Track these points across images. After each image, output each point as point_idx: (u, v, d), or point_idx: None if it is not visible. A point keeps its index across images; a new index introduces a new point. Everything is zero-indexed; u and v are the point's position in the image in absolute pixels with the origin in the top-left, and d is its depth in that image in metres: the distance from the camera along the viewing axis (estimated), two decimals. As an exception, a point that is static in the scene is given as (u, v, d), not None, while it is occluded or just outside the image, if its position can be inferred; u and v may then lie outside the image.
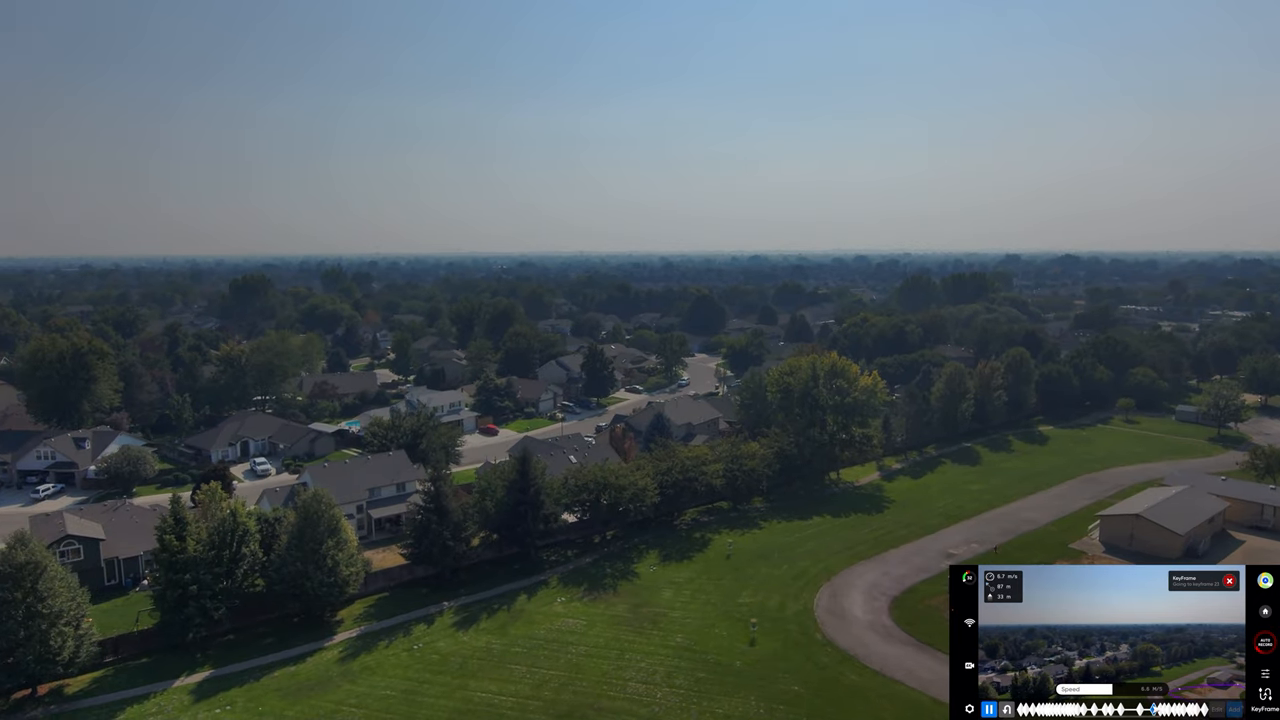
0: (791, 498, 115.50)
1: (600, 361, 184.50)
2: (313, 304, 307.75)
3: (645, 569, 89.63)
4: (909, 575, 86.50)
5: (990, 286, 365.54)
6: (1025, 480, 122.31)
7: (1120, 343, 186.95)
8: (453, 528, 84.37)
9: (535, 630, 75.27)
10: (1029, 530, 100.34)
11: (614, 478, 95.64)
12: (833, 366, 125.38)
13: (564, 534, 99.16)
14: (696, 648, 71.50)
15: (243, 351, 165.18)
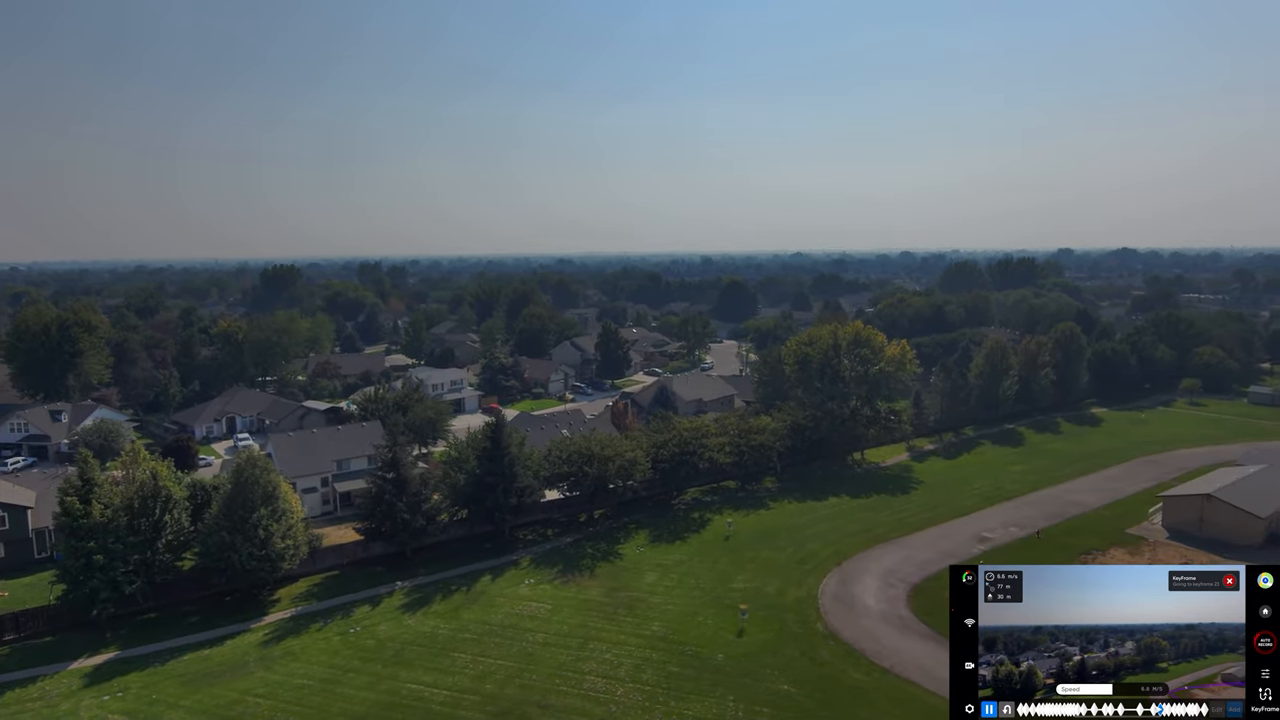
0: (807, 478, 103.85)
1: (615, 341, 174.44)
2: (336, 291, 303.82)
3: (631, 550, 79.15)
4: (935, 560, 74.52)
5: (1039, 274, 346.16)
6: (1074, 462, 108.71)
7: (1184, 320, 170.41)
8: (412, 501, 74.93)
9: (491, 615, 65.39)
10: (1078, 514, 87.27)
11: (600, 448, 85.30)
12: (856, 335, 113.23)
13: (546, 512, 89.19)
14: (674, 638, 60.83)
15: (240, 328, 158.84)
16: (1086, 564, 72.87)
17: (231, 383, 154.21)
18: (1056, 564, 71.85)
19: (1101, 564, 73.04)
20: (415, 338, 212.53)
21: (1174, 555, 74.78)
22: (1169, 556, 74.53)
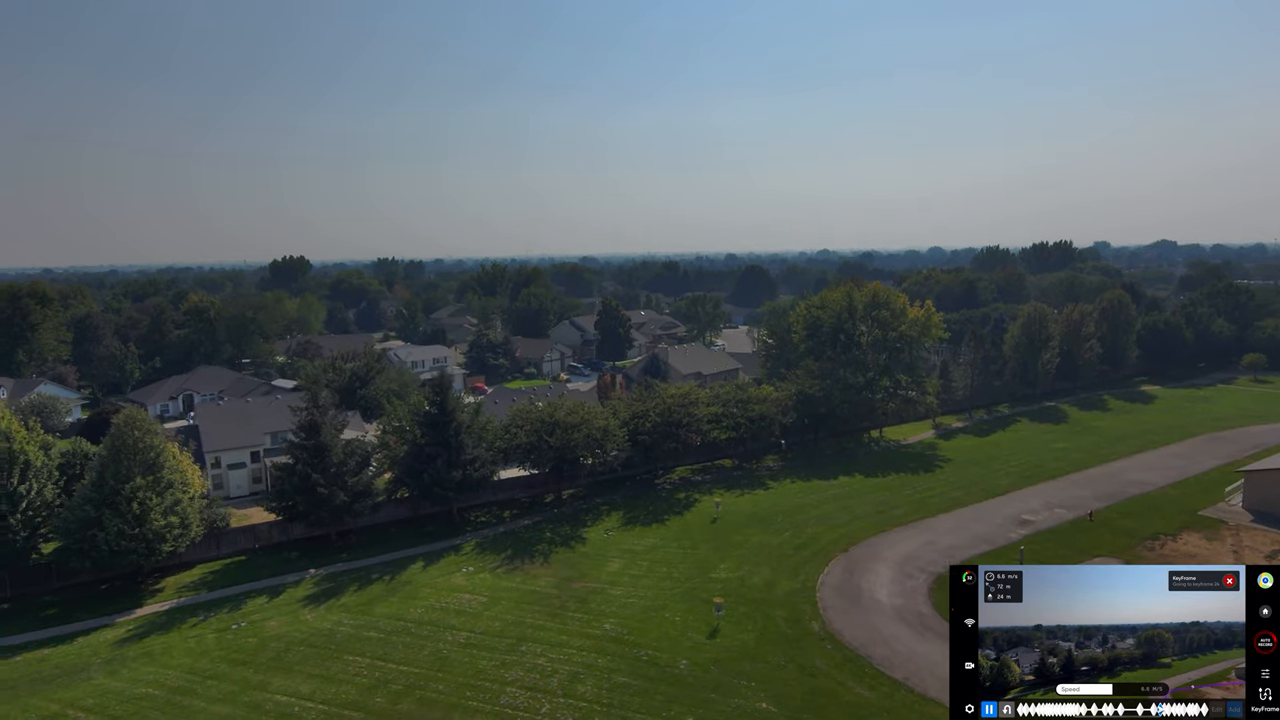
0: (815, 456, 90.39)
1: (616, 320, 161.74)
2: (339, 279, 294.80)
3: (597, 534, 66.41)
4: (964, 547, 60.87)
5: (1077, 258, 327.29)
6: (1128, 439, 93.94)
7: (1243, 290, 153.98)
8: (333, 474, 62.92)
9: (410, 609, 53.02)
10: (1138, 494, 72.87)
11: (565, 415, 72.67)
12: (874, 296, 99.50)
13: (507, 491, 76.84)
14: (629, 638, 47.98)
15: (212, 304, 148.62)
16: (1152, 551, 58.88)
17: (206, 362, 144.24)
18: (1118, 559, 58.15)
19: (1173, 551, 58.95)
20: (411, 321, 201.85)
21: (1263, 541, 60.41)
22: (1257, 543, 60.19)
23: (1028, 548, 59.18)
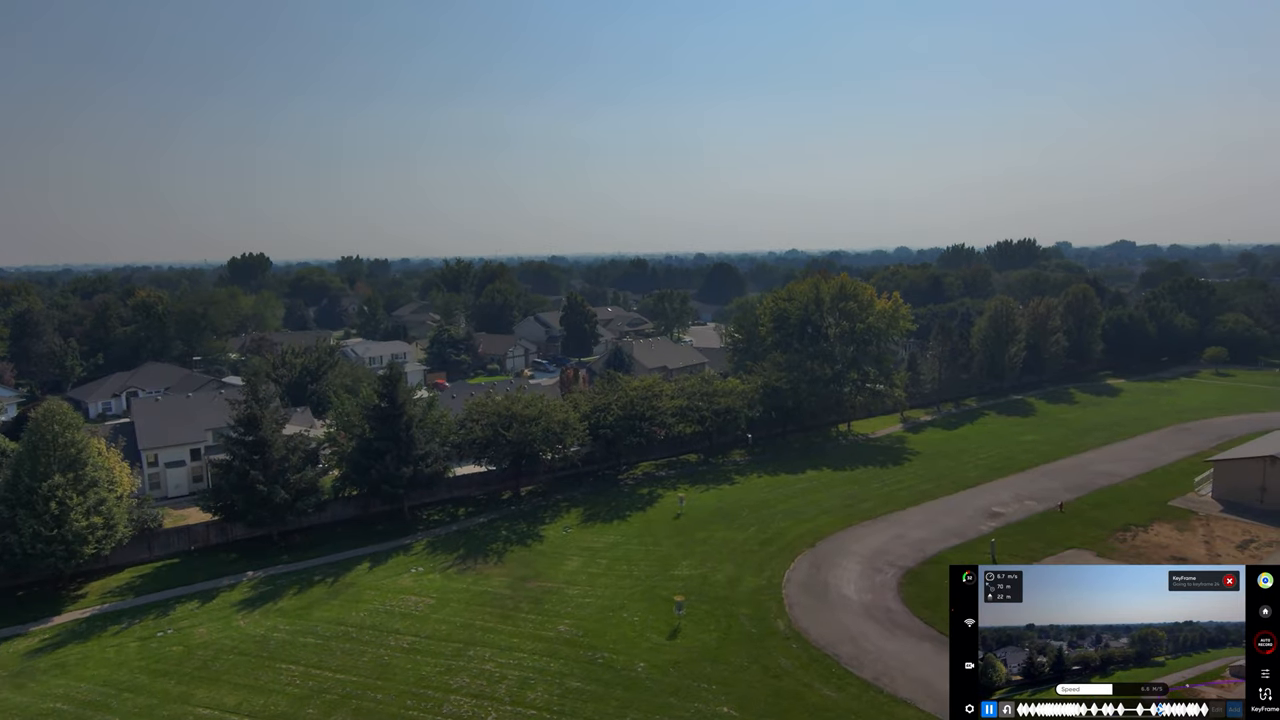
0: (782, 450, 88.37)
1: (581, 315, 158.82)
2: (299, 276, 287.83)
3: (555, 531, 63.55)
4: (933, 540, 59.05)
5: (1041, 256, 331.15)
6: (1095, 431, 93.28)
7: (1204, 286, 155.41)
8: (275, 473, 59.35)
9: (352, 612, 49.76)
10: (1107, 485, 71.77)
11: (522, 408, 69.71)
12: (841, 288, 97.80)
13: (463, 488, 73.69)
14: (584, 640, 45.24)
15: (161, 299, 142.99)
16: (1124, 542, 57.51)
17: (154, 359, 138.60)
18: (1090, 550, 56.72)
19: (1144, 542, 57.63)
20: (372, 318, 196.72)
21: (1234, 531, 59.39)
22: (1228, 533, 59.15)
23: (999, 540, 57.53)
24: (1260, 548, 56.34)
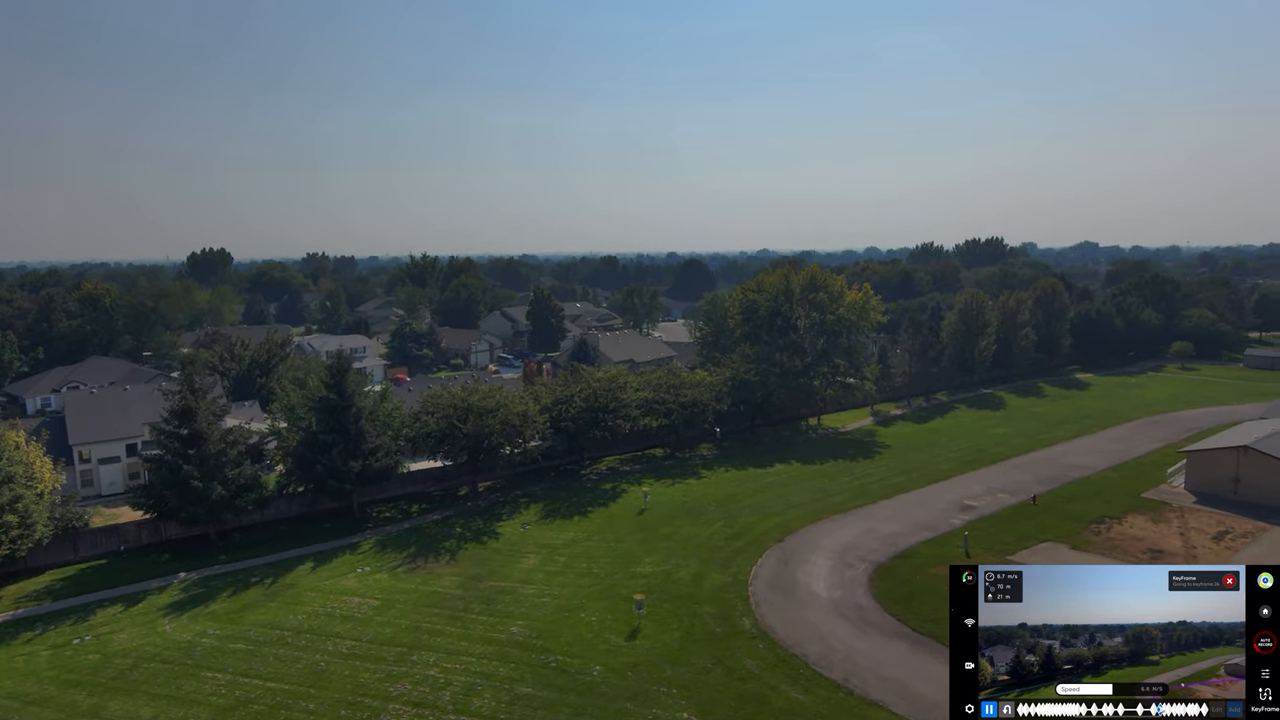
0: (751, 444, 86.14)
1: (548, 310, 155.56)
2: (260, 270, 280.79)
3: (512, 529, 60.57)
4: (906, 534, 57.02)
5: (1008, 254, 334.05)
6: (1066, 424, 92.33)
7: (1169, 282, 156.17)
8: (211, 468, 55.66)
9: (290, 616, 46.40)
10: (1079, 477, 70.46)
11: (479, 399, 66.61)
12: (811, 279, 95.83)
13: (418, 484, 70.38)
14: (537, 643, 42.38)
15: (108, 291, 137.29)
16: (1099, 534, 55.92)
17: (101, 353, 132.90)
18: (1065, 543, 55.03)
19: (1119, 534, 56.08)
20: (334, 313, 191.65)
21: (1208, 523, 58.12)
22: (1203, 524, 57.86)
23: (972, 533, 55.62)
24: (1236, 539, 55.06)
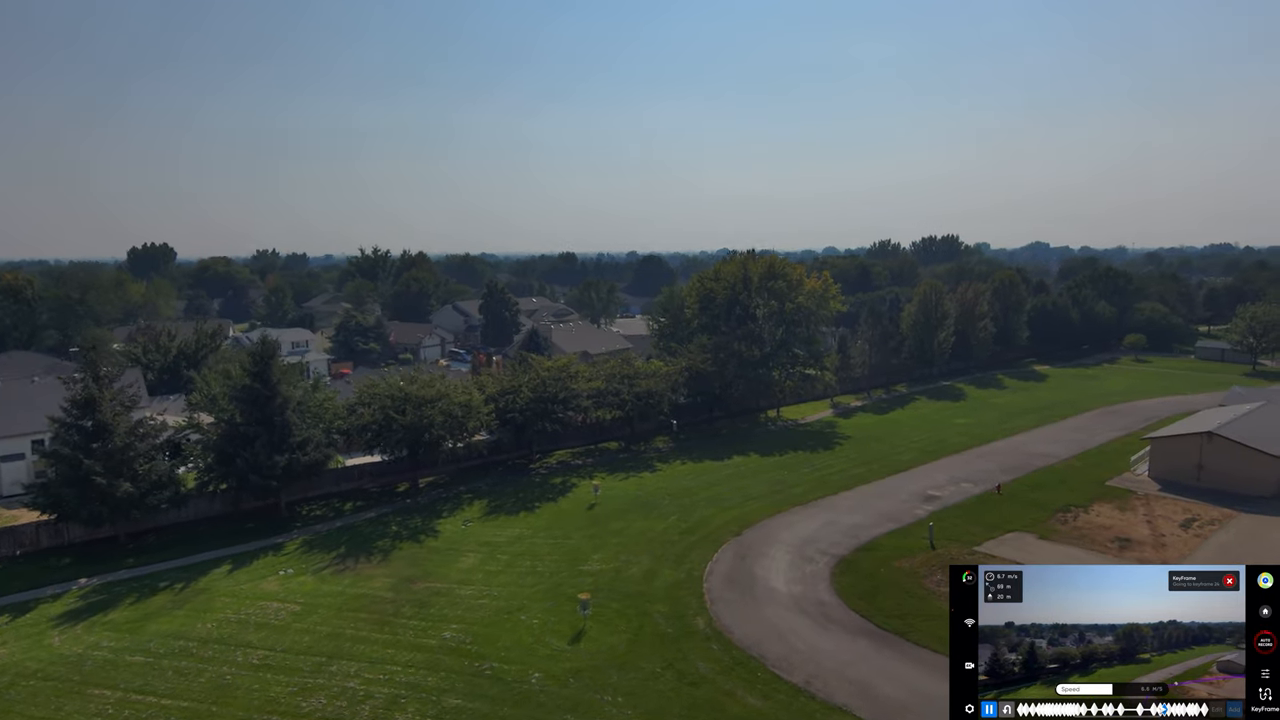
0: (709, 436, 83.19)
1: (501, 303, 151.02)
2: (203, 265, 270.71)
3: (453, 526, 56.60)
4: (868, 525, 54.41)
5: (964, 252, 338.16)
6: (1026, 414, 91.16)
7: (1122, 275, 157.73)
8: (118, 463, 50.73)
9: (198, 624, 41.93)
10: (1044, 466, 68.82)
11: (419, 389, 62.47)
12: (769, 268, 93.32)
13: (354, 480, 65.86)
14: (473, 649, 38.62)
15: (29, 283, 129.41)
16: (1065, 524, 53.96)
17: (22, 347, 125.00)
18: (1032, 532, 52.94)
19: (1086, 523, 54.18)
20: (279, 308, 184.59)
21: (1175, 510, 56.58)
22: (1169, 511, 56.28)
23: (936, 524, 53.23)
24: (1203, 526, 53.51)
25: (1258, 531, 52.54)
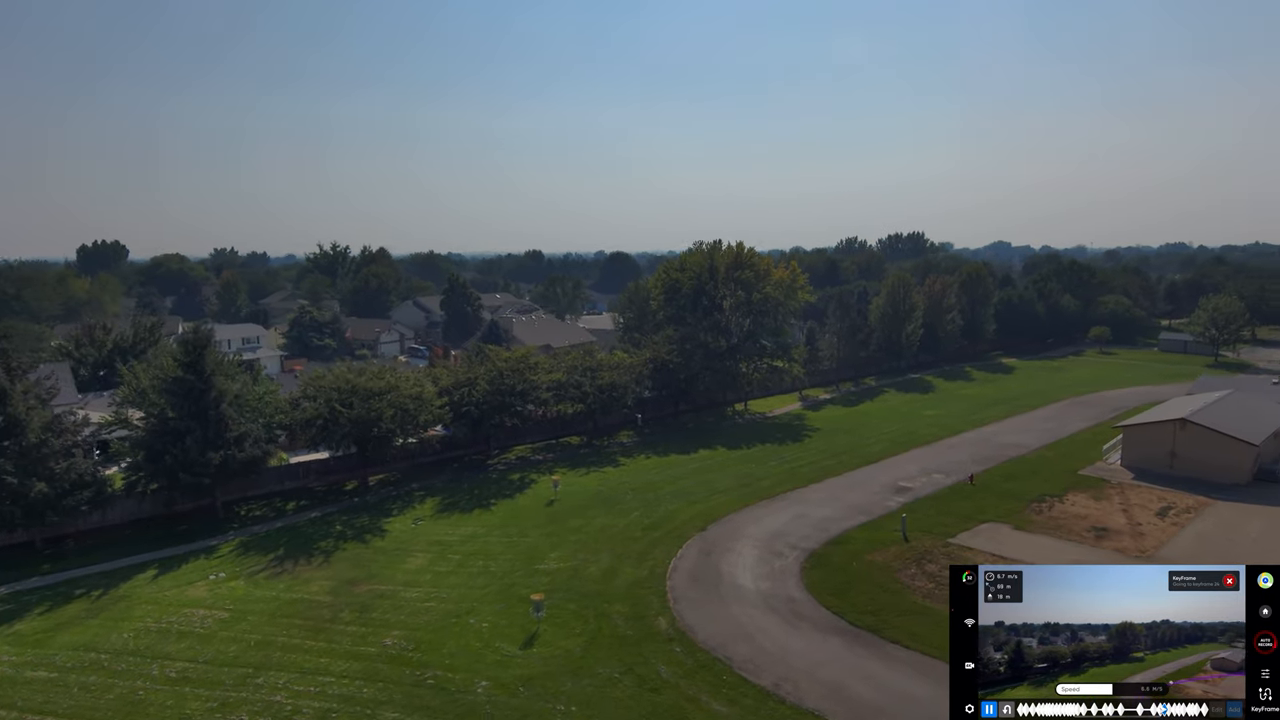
0: (675, 430, 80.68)
1: (463, 298, 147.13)
2: (155, 262, 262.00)
3: (402, 525, 53.31)
4: (839, 518, 52.20)
5: (929, 249, 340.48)
6: (996, 405, 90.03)
7: (1086, 269, 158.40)
8: (31, 462, 46.70)
9: (113, 634, 38.27)
10: (1015, 456, 67.33)
11: (368, 380, 59.03)
12: (736, 257, 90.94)
13: (299, 478, 62.18)
14: (415, 656, 35.53)
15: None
16: (1040, 514, 52.25)
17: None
18: (1007, 523, 51.14)
19: (1061, 512, 52.52)
20: (232, 304, 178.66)
21: (1150, 499, 55.19)
22: (1144, 500, 54.88)
23: (909, 515, 51.15)
24: (1179, 514, 52.13)
25: (1234, 519, 51.30)
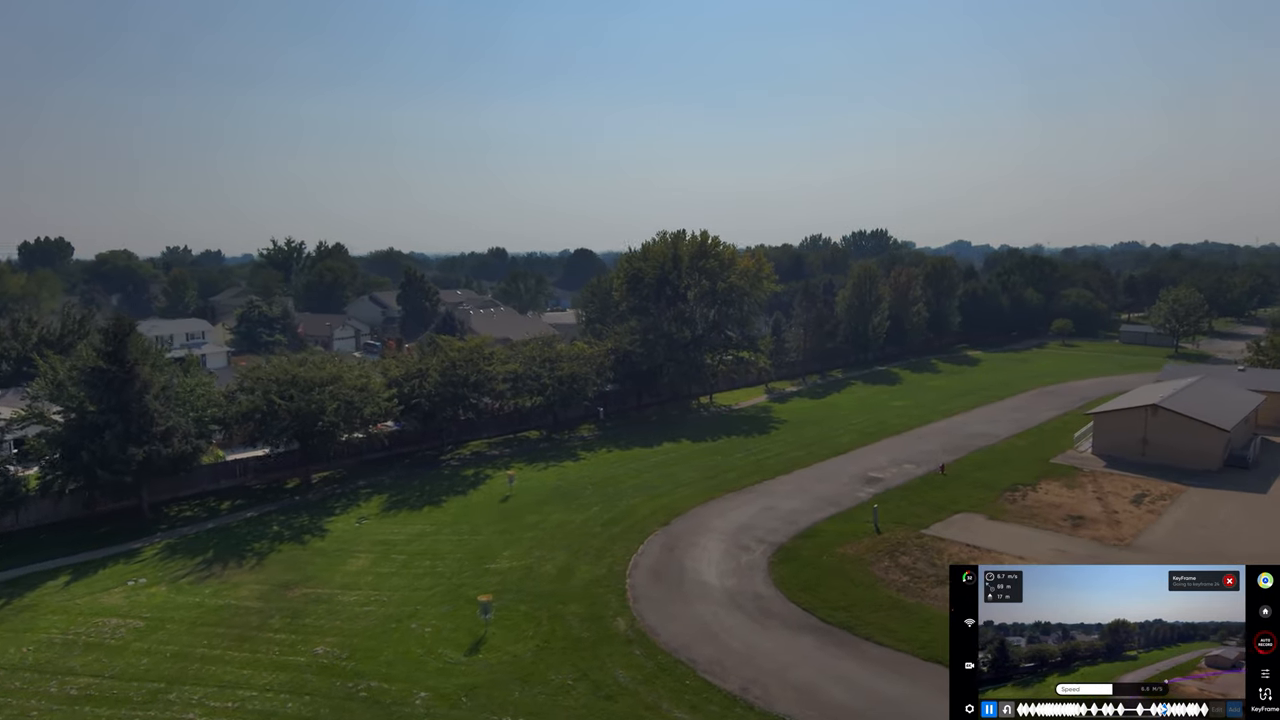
0: (639, 423, 78.00)
1: (421, 292, 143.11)
2: (101, 258, 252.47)
3: (346, 524, 49.84)
4: (807, 510, 49.90)
5: (891, 246, 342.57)
6: (964, 395, 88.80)
7: (1049, 262, 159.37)
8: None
9: (11, 648, 34.47)
10: (986, 445, 65.77)
11: (307, 370, 55.38)
12: (700, 246, 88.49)
13: (237, 476, 58.26)
14: (349, 665, 32.30)
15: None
16: (1014, 503, 50.50)
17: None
18: (981, 513, 49.26)
19: (1035, 501, 50.83)
20: (180, 300, 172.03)
21: (1123, 486, 53.80)
22: (1118, 488, 53.47)
23: (881, 506, 49.05)
24: (1154, 501, 50.75)
25: (1209, 506, 50.03)
